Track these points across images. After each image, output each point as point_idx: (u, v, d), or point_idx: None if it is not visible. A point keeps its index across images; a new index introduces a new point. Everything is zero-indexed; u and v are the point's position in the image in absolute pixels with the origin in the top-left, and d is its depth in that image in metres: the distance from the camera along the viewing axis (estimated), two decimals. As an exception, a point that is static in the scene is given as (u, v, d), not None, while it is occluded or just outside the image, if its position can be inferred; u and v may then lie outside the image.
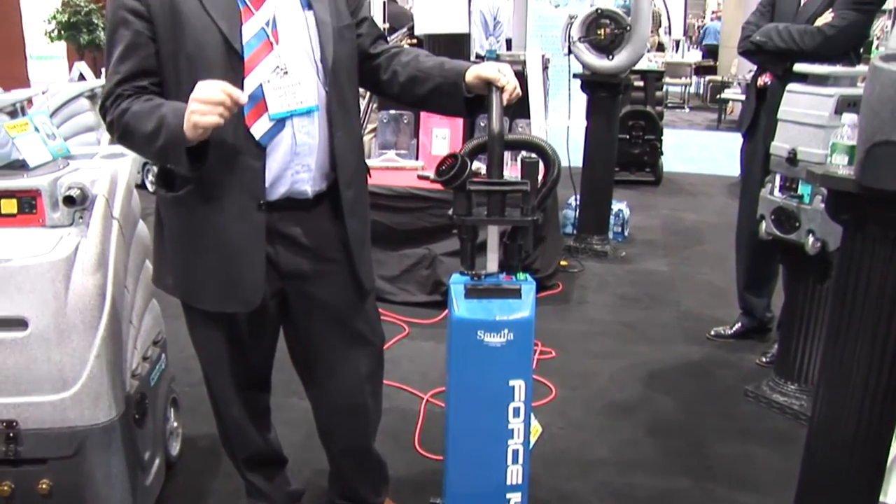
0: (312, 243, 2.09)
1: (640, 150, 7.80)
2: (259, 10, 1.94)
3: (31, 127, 2.43)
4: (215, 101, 1.75)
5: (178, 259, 2.11)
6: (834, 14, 3.57)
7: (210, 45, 1.88)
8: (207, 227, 2.00)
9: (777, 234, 3.32)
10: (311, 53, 2.00)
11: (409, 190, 4.51)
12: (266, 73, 1.92)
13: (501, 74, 2.00)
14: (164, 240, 2.13)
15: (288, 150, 1.98)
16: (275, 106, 1.93)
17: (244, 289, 2.04)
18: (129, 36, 1.91)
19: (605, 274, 5.29)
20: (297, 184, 2.02)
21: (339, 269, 2.14)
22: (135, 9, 1.91)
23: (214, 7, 1.90)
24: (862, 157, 2.00)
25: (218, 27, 1.89)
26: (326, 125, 2.02)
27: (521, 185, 1.99)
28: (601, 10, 5.28)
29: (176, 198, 2.03)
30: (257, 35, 1.93)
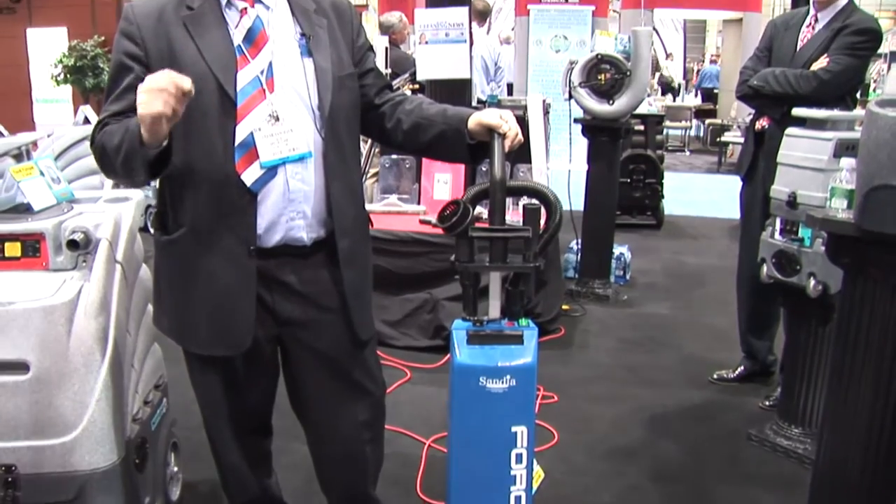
0: (309, 291, 2.09)
1: (641, 194, 7.82)
2: (255, 59, 1.97)
3: (36, 171, 2.46)
4: (157, 87, 1.71)
5: (172, 301, 2.12)
6: (829, 59, 3.62)
7: (205, 92, 1.90)
8: (198, 270, 2.01)
9: (778, 278, 3.32)
10: (307, 100, 2.01)
11: (410, 234, 4.53)
12: (258, 121, 1.94)
13: (503, 121, 2.02)
14: (160, 281, 2.15)
15: (281, 196, 1.99)
16: (266, 153, 1.94)
17: (233, 333, 2.04)
18: (127, 79, 1.94)
19: (607, 318, 5.29)
20: (292, 231, 2.02)
21: (336, 319, 2.14)
22: (133, 53, 1.95)
23: (211, 54, 1.93)
24: (861, 200, 2.01)
25: (214, 74, 1.91)
26: (322, 172, 2.03)
27: (523, 232, 2.00)
28: (601, 55, 5.33)
29: (170, 241, 2.04)
30: (251, 83, 1.95)
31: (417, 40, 5.14)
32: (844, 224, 2.15)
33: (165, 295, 2.14)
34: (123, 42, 1.97)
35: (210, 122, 1.88)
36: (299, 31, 2.04)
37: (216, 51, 1.94)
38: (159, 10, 1.97)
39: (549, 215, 2.11)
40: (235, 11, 1.99)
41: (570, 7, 10.33)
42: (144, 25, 1.95)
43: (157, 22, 1.95)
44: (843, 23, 3.67)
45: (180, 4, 1.97)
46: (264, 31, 2.00)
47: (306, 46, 2.03)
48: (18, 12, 12.28)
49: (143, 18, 1.96)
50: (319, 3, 2.12)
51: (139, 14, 1.98)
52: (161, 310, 2.18)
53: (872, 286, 2.10)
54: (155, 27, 1.95)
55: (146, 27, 1.95)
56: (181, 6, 1.97)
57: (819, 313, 3.27)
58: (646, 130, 7.83)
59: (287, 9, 2.06)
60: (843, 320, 2.19)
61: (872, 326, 2.10)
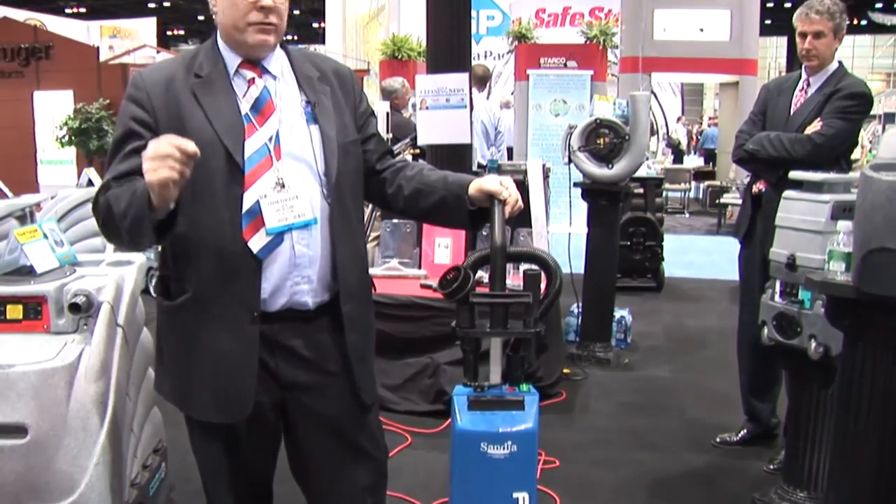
0: (313, 355, 2.09)
1: (642, 257, 7.83)
2: (263, 126, 1.99)
3: (40, 234, 2.48)
4: (162, 154, 1.73)
5: (174, 366, 2.11)
6: (822, 123, 3.68)
7: (213, 159, 1.92)
8: (201, 336, 2.01)
9: (779, 340, 3.32)
10: (314, 167, 2.04)
11: (411, 299, 4.53)
12: (265, 188, 1.96)
13: (503, 188, 2.04)
14: (162, 347, 2.14)
15: (286, 262, 2.00)
16: (271, 220, 1.95)
17: (235, 399, 2.03)
18: (133, 144, 1.96)
19: (608, 381, 5.26)
20: (296, 295, 2.03)
21: (340, 383, 2.13)
22: (141, 119, 1.98)
23: (220, 122, 1.96)
24: (859, 263, 2.02)
25: (222, 142, 1.94)
26: (328, 237, 2.05)
27: (523, 297, 2.01)
28: (600, 119, 5.38)
29: (173, 306, 2.04)
30: (259, 151, 1.97)
31: (418, 105, 5.21)
32: (843, 287, 2.16)
33: (167, 360, 2.13)
34: (132, 108, 2.00)
35: (217, 190, 1.90)
36: (304, 99, 2.08)
37: (224, 118, 1.97)
38: (168, 78, 2.00)
39: (550, 281, 2.13)
40: (243, 81, 2.03)
41: (568, 72, 10.47)
42: (154, 93, 1.98)
43: (166, 89, 1.99)
44: (834, 87, 3.73)
45: (189, 72, 2.01)
46: (272, 100, 2.03)
47: (312, 114, 2.06)
48: (26, 76, 12.48)
49: (152, 86, 1.99)
50: (322, 70, 2.16)
51: (149, 81, 2.01)
52: (163, 375, 2.17)
53: (873, 348, 2.10)
54: (164, 94, 1.98)
55: (156, 94, 1.98)
56: (190, 74, 2.01)
57: (821, 375, 3.26)
58: (645, 193, 7.87)
59: (292, 77, 2.10)
60: (845, 383, 2.19)
61: (875, 389, 2.10)
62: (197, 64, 2.03)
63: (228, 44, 2.04)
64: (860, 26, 30.84)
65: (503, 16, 19.34)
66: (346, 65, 2.28)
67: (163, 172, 1.72)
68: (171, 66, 2.06)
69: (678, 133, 18.12)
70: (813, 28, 3.73)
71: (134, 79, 2.03)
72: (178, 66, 2.05)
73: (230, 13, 1.98)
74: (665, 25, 12.10)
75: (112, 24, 28.29)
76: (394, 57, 11.47)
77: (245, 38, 2.00)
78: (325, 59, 2.25)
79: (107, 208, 1.91)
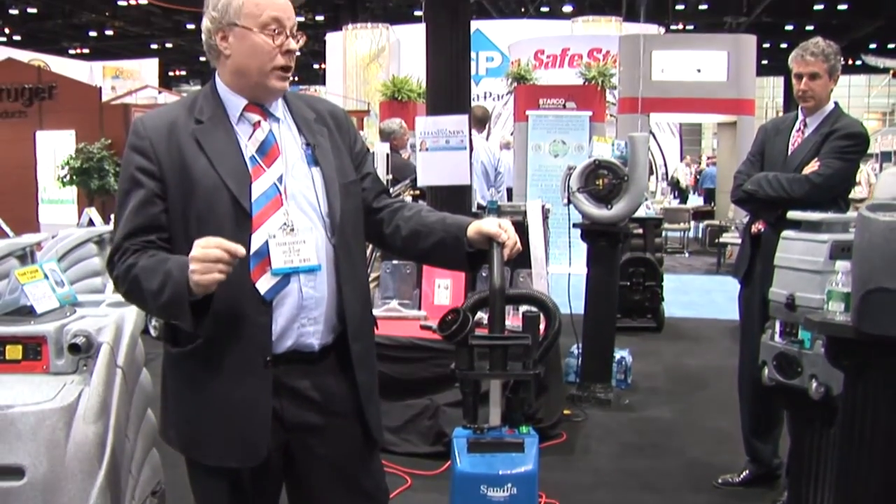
0: (320, 396, 2.08)
1: (641, 297, 7.83)
2: (270, 168, 2.00)
3: (40, 274, 2.49)
4: (213, 258, 1.78)
5: (181, 413, 2.08)
6: (820, 163, 3.70)
7: (219, 204, 1.93)
8: (213, 382, 1.99)
9: (780, 380, 3.30)
10: (318, 209, 2.04)
11: (411, 340, 4.52)
12: (273, 229, 1.96)
13: (502, 230, 2.05)
14: (168, 393, 2.11)
15: (295, 304, 1.99)
16: (278, 261, 1.95)
17: (249, 444, 2.00)
18: (140, 195, 1.96)
19: (609, 422, 5.23)
20: (303, 337, 2.02)
21: (348, 423, 2.12)
22: (146, 168, 1.98)
23: (224, 167, 1.96)
24: (857, 303, 2.03)
25: (227, 187, 1.95)
26: (334, 279, 2.05)
27: (523, 339, 2.02)
28: (599, 161, 5.41)
29: (181, 353, 2.03)
30: (266, 193, 1.98)
31: (418, 147, 5.24)
32: (842, 327, 2.17)
33: (174, 407, 2.10)
34: (135, 157, 1.99)
35: (224, 234, 1.89)
36: (304, 142, 2.09)
37: (228, 163, 1.97)
38: (170, 123, 2.01)
39: (549, 322, 2.13)
40: (248, 125, 2.04)
41: (567, 113, 10.57)
42: (156, 139, 1.99)
43: (168, 135, 1.99)
44: (831, 127, 3.77)
45: (189, 117, 2.02)
46: (277, 144, 2.04)
47: (312, 156, 2.07)
48: (30, 116, 12.58)
49: (154, 132, 2.00)
50: (319, 112, 2.17)
51: (150, 128, 2.01)
52: (169, 422, 2.13)
53: (874, 388, 2.10)
54: (167, 140, 1.98)
55: (158, 141, 1.99)
56: (191, 119, 2.01)
57: (823, 415, 3.24)
58: (644, 233, 7.90)
59: (291, 119, 2.11)
60: (847, 423, 2.18)
61: (876, 428, 2.09)
62: (197, 108, 2.03)
63: (234, 87, 2.04)
64: (855, 66, 31.22)
65: (502, 57, 19.57)
66: (347, 105, 2.31)
67: (213, 276, 1.78)
68: (172, 112, 2.06)
69: (679, 172, 18.23)
70: (808, 69, 3.77)
71: (135, 126, 2.03)
72: (179, 111, 2.05)
73: (254, 59, 1.99)
74: (663, 66, 12.22)
75: (115, 64, 28.62)
76: (394, 98, 11.59)
77: (265, 83, 2.01)
78: (319, 100, 2.27)
79: (134, 282, 1.92)
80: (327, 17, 27.27)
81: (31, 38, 29.47)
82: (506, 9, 25.68)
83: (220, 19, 1.99)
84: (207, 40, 2.04)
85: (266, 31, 1.98)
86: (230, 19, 1.98)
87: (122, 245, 1.95)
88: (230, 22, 1.98)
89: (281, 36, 2.00)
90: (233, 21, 1.98)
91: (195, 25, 27.80)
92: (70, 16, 27.29)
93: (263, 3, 1.98)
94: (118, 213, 2.01)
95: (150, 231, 1.96)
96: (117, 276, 1.96)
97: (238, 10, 1.97)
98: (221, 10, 1.99)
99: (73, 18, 27.70)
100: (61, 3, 25.69)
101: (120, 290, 1.98)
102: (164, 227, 1.97)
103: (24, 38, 29.40)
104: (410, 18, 23.80)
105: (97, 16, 27.48)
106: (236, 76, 2.03)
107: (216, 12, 2.00)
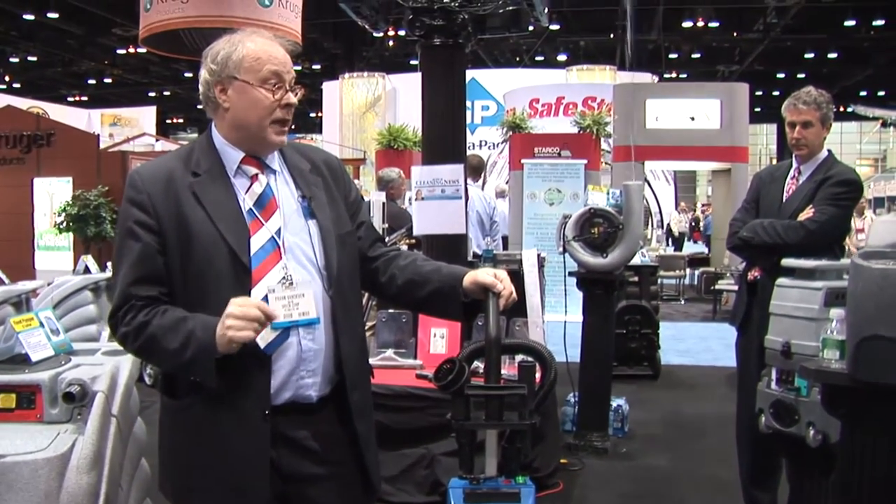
0: (318, 446, 2.06)
1: (638, 345, 7.81)
2: (268, 222, 2.01)
3: (36, 322, 2.48)
4: (252, 317, 1.81)
5: (181, 465, 2.05)
6: (814, 210, 3.73)
7: (218, 258, 1.93)
8: (211, 435, 1.97)
9: (777, 428, 3.29)
10: (315, 261, 2.05)
11: (407, 389, 4.50)
12: (272, 283, 1.96)
13: (498, 280, 2.05)
14: (164, 445, 2.08)
15: (294, 357, 1.99)
16: (278, 315, 1.93)
17: (245, 495, 1.98)
18: (138, 248, 1.96)
19: (606, 471, 5.19)
20: (301, 389, 2.01)
21: (346, 472, 2.11)
22: (144, 222, 1.97)
23: (222, 221, 1.96)
24: (852, 351, 2.03)
25: (225, 241, 1.94)
26: (331, 330, 2.05)
27: (518, 389, 2.02)
28: (594, 209, 5.43)
29: (181, 406, 2.02)
30: (265, 247, 1.98)
31: (414, 196, 5.27)
32: (838, 375, 2.17)
33: (171, 459, 2.08)
34: (133, 211, 1.98)
35: (224, 289, 1.90)
36: (300, 194, 2.09)
37: (227, 217, 1.97)
38: (167, 176, 2.00)
39: (544, 372, 2.13)
40: (245, 178, 2.04)
41: (562, 161, 10.63)
42: (153, 192, 1.98)
43: (165, 188, 1.98)
44: (824, 174, 3.81)
45: (186, 170, 2.01)
46: (274, 197, 2.05)
47: (308, 209, 2.08)
48: (27, 163, 12.65)
49: (151, 186, 1.99)
50: (313, 162, 2.18)
51: (147, 180, 2.00)
52: (165, 475, 2.10)
53: (871, 436, 2.10)
54: (164, 193, 1.98)
55: (155, 194, 1.98)
56: (187, 172, 2.01)
57: (821, 463, 3.22)
58: (640, 281, 7.91)
59: (287, 171, 2.12)
60: (845, 470, 2.18)
61: (875, 476, 2.09)
62: (194, 161, 2.03)
63: (232, 140, 2.05)
64: (846, 113, 31.58)
65: (497, 105, 19.76)
66: (343, 154, 2.33)
67: (245, 334, 1.82)
68: (169, 164, 2.05)
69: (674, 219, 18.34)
70: (801, 118, 3.82)
71: (132, 179, 2.02)
72: (175, 164, 2.04)
73: (253, 112, 2.00)
74: (657, 115, 12.33)
75: (113, 112, 28.89)
76: (390, 147, 11.67)
77: (264, 136, 2.02)
78: (313, 149, 2.28)
79: (150, 340, 1.91)
80: (324, 66, 27.53)
81: (31, 85, 29.73)
82: (501, 58, 25.98)
83: (220, 72, 2.00)
84: (205, 92, 2.05)
85: (266, 86, 1.99)
86: (230, 73, 2.00)
87: (125, 302, 1.94)
88: (229, 75, 2.00)
89: (280, 90, 2.01)
90: (232, 74, 1.99)
91: (193, 74, 28.05)
92: (69, 64, 27.57)
93: (264, 57, 2.00)
94: (117, 266, 2.00)
95: (153, 283, 1.95)
96: (126, 334, 1.94)
97: (238, 64, 1.99)
98: (221, 63, 2.00)
99: (72, 66, 27.98)
100: (61, 52, 25.96)
101: (129, 347, 1.96)
102: (164, 280, 1.97)
103: (23, 86, 29.65)
104: (406, 67, 24.06)
105: (96, 64, 27.76)
106: (234, 129, 2.04)
107: (215, 65, 2.01)
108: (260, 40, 2.03)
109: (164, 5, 8.35)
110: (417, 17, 5.25)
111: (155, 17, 8.46)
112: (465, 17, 5.28)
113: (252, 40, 2.02)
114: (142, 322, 1.91)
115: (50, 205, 12.57)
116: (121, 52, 25.91)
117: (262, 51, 2.01)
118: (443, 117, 5.34)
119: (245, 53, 2.00)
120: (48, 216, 12.62)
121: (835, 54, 26.76)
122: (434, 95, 5.38)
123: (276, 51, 2.03)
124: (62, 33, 23.63)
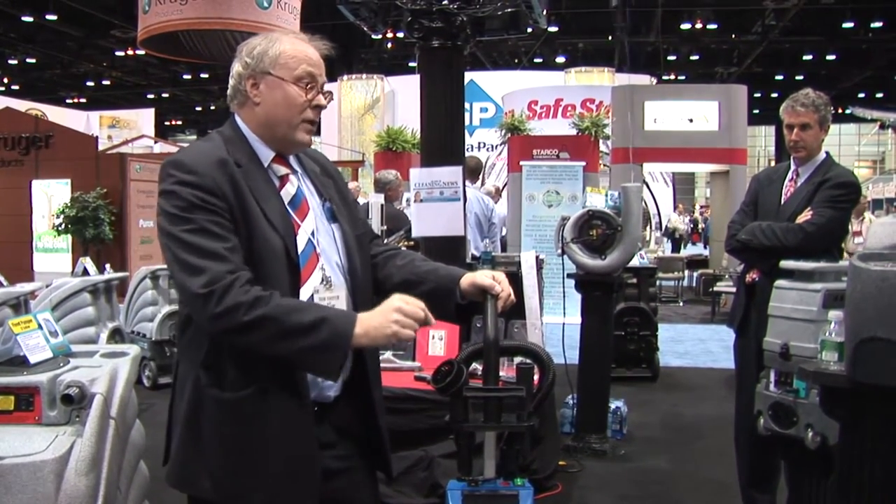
0: (336, 440, 2.06)
1: (636, 347, 7.80)
2: (304, 223, 2.01)
3: (34, 324, 2.48)
4: (420, 318, 1.84)
5: (226, 460, 1.96)
6: (812, 212, 3.74)
7: (272, 253, 1.92)
8: (266, 430, 1.93)
9: (776, 430, 3.29)
10: (341, 264, 2.06)
11: (405, 391, 4.50)
12: (316, 283, 1.97)
13: (496, 282, 2.06)
14: (203, 440, 1.97)
15: None
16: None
17: (300, 481, 1.95)
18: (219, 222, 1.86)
19: (604, 473, 5.19)
20: (324, 389, 2.02)
21: (364, 465, 2.14)
22: (215, 204, 1.87)
23: (273, 215, 1.94)
24: (851, 353, 2.03)
25: (281, 237, 1.93)
26: None
27: (517, 391, 2.02)
28: (592, 211, 5.43)
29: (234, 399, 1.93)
30: (306, 248, 1.98)
31: (412, 198, 5.27)
32: (836, 377, 2.17)
33: (212, 454, 1.96)
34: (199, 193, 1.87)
35: (281, 285, 1.89)
36: (322, 197, 2.10)
37: (276, 211, 1.96)
38: (219, 161, 1.93)
39: (542, 374, 2.13)
40: (276, 177, 2.04)
41: (561, 163, 10.63)
42: (216, 176, 1.90)
43: (222, 173, 1.91)
44: (823, 177, 3.81)
45: (230, 158, 1.95)
46: (306, 199, 2.05)
47: (331, 212, 2.09)
48: (26, 164, 12.65)
49: (208, 169, 1.90)
50: (321, 164, 2.19)
51: (202, 165, 1.91)
52: (199, 470, 1.98)
53: (870, 437, 2.10)
54: (224, 178, 1.90)
55: (218, 178, 1.90)
56: (231, 160, 1.94)
57: (820, 465, 3.22)
58: (639, 283, 7.91)
59: (305, 174, 2.12)
60: (844, 472, 2.18)
61: (874, 477, 2.09)
62: (231, 151, 1.98)
63: (263, 137, 2.03)
64: (845, 115, 31.62)
65: (496, 107, 19.79)
66: (342, 156, 2.33)
67: (410, 333, 1.85)
68: (213, 150, 1.97)
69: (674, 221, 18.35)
70: (799, 120, 3.82)
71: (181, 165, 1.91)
72: (218, 151, 1.97)
73: (284, 109, 2.00)
74: (655, 116, 12.34)
75: (111, 114, 28.89)
76: (388, 149, 11.66)
77: (293, 136, 2.02)
78: (314, 151, 2.28)
79: (272, 313, 1.82)
80: (323, 68, 27.53)
81: (30, 87, 29.75)
82: (499, 60, 26.01)
83: (255, 66, 2.01)
84: (236, 85, 2.04)
85: (299, 85, 2.00)
86: (264, 68, 2.00)
87: (233, 269, 1.83)
88: (264, 70, 2.00)
89: (313, 91, 2.02)
90: (267, 70, 2.00)
91: (191, 76, 28.16)
92: (68, 66, 27.60)
93: (300, 56, 2.01)
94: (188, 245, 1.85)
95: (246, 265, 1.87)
96: (238, 304, 1.81)
97: (274, 60, 2.00)
98: (257, 58, 2.01)
99: (71, 68, 28.00)
100: (60, 54, 25.97)
101: (238, 317, 1.81)
102: None
103: (22, 88, 29.66)
104: (405, 69, 24.08)
105: (95, 66, 27.78)
106: (263, 126, 2.03)
107: (251, 59, 2.01)
108: (297, 40, 2.05)
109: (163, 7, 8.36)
110: (416, 19, 5.25)
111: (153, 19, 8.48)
112: (463, 19, 5.29)
113: (290, 39, 2.04)
114: (260, 295, 1.82)
115: (48, 206, 12.60)
116: (119, 54, 25.93)
117: (299, 50, 2.02)
118: (441, 119, 5.35)
119: (282, 50, 2.00)
120: (47, 218, 12.65)
121: (833, 56, 26.81)
122: (433, 97, 5.39)
123: (313, 53, 2.05)
124: (61, 35, 23.66)
